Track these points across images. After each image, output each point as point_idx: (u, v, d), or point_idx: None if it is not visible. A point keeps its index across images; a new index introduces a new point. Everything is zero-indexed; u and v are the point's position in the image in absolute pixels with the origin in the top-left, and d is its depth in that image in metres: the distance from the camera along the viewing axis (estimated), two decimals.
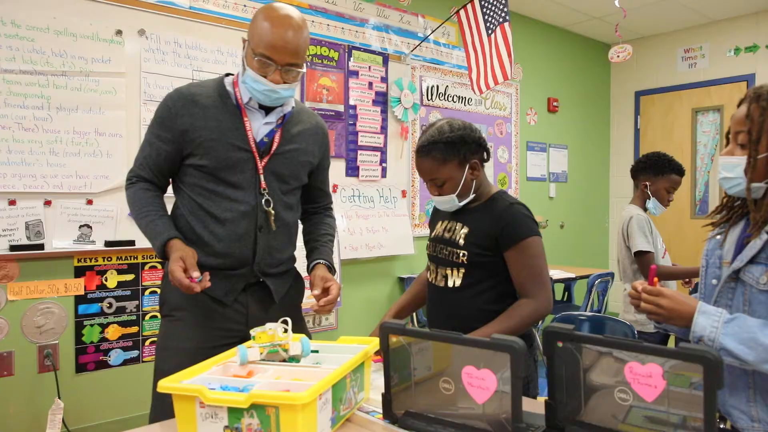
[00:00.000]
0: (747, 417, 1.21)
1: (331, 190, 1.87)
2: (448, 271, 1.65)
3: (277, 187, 1.60)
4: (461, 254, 1.61)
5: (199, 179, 1.56)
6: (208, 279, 1.43)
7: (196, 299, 1.54)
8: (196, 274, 1.41)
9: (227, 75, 1.62)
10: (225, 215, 1.54)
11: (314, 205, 1.81)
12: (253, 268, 1.59)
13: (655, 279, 1.25)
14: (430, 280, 1.74)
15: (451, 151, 1.59)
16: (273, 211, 1.58)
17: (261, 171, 1.56)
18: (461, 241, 1.61)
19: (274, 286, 1.63)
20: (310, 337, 1.53)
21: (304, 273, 1.73)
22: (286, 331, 1.31)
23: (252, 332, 1.31)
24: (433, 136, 1.60)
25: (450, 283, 1.64)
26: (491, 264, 1.59)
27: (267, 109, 1.59)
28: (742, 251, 1.22)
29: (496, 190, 1.69)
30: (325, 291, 1.56)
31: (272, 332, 1.29)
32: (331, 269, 1.67)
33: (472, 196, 1.65)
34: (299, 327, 1.67)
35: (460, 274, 1.62)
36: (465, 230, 1.63)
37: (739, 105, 1.28)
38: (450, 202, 1.64)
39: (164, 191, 1.64)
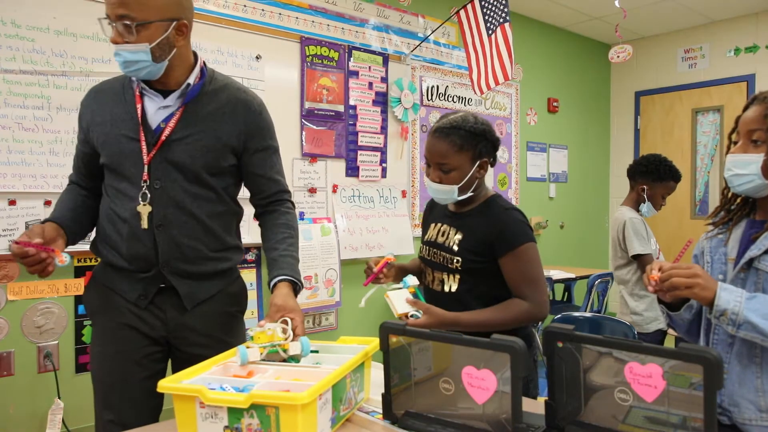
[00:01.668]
0: (755, 407, 1.24)
1: (283, 177, 1.62)
2: (444, 276, 1.64)
3: (177, 177, 1.44)
4: (455, 260, 1.59)
5: (107, 178, 1.48)
6: (62, 257, 1.32)
7: (111, 302, 1.48)
8: (37, 240, 1.29)
9: None
10: (125, 214, 1.43)
11: (263, 198, 1.59)
12: (161, 270, 1.45)
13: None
14: (426, 283, 1.73)
15: (470, 141, 1.58)
16: (159, 207, 1.43)
17: (146, 161, 1.41)
18: (455, 248, 1.60)
19: (185, 290, 1.48)
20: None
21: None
22: (285, 331, 1.31)
23: (250, 332, 1.31)
24: (457, 122, 1.59)
25: (446, 288, 1.63)
26: (487, 270, 1.58)
27: (166, 92, 1.44)
28: (755, 243, 1.28)
29: (492, 193, 1.68)
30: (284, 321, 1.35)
31: (271, 332, 1.29)
32: (296, 285, 1.47)
33: (469, 194, 1.63)
34: (223, 341, 1.51)
35: (456, 279, 1.61)
36: (459, 236, 1.61)
37: (747, 107, 1.32)
38: (450, 193, 1.60)
39: (93, 192, 1.55)
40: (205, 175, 1.47)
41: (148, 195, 1.42)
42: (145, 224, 1.42)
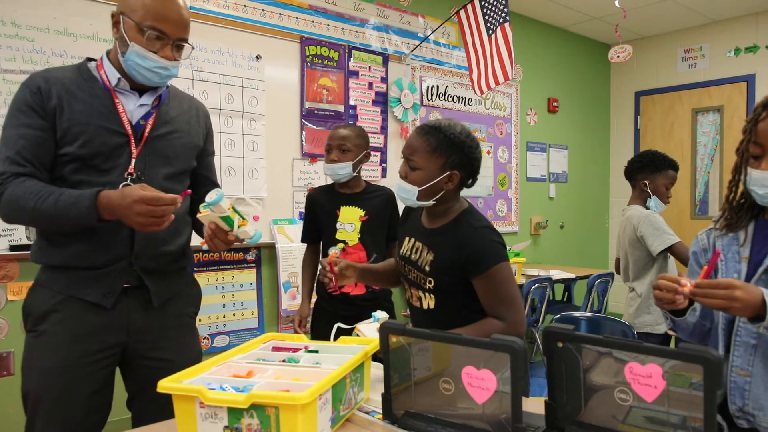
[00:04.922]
0: None
1: (218, 179, 1.74)
2: (421, 294, 1.61)
3: (160, 172, 1.46)
4: (428, 281, 1.56)
5: (63, 170, 1.38)
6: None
7: (67, 306, 1.39)
8: (169, 195, 1.28)
9: (89, 60, 1.48)
10: None
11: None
12: (132, 262, 1.42)
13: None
14: (407, 297, 1.70)
15: (445, 147, 1.51)
16: None
17: (134, 155, 1.42)
18: (427, 268, 1.55)
19: (154, 287, 1.46)
20: (201, 356, 1.53)
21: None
22: (242, 214, 1.40)
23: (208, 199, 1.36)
24: (441, 125, 1.53)
25: (425, 306, 1.60)
26: (461, 288, 1.53)
27: (139, 92, 1.46)
28: None
29: (465, 206, 1.61)
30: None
31: (230, 207, 1.37)
32: None
33: (431, 203, 1.56)
34: (184, 343, 1.54)
35: (432, 297, 1.58)
36: (430, 257, 1.56)
37: (760, 116, 1.27)
38: (410, 193, 1.54)
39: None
40: (180, 173, 1.54)
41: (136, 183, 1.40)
42: None
